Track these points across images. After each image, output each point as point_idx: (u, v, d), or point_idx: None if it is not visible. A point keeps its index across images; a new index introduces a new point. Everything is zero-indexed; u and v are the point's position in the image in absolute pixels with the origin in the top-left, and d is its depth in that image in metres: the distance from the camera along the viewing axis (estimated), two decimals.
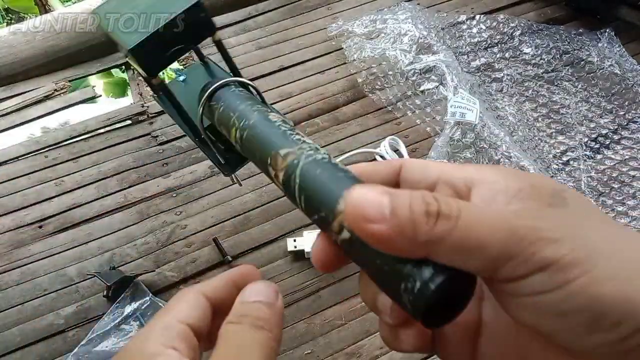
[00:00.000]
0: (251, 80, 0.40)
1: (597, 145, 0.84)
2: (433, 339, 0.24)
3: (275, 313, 0.28)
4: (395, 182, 0.26)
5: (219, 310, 0.30)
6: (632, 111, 0.88)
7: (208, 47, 0.43)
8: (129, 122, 0.91)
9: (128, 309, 0.65)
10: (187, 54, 0.42)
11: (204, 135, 0.40)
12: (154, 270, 0.69)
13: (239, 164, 0.43)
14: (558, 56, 0.97)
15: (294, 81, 0.93)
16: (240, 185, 0.63)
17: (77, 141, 0.88)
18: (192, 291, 0.30)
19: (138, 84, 0.99)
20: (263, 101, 0.38)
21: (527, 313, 0.19)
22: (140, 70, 0.38)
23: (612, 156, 0.82)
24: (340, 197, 0.23)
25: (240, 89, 0.38)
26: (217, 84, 0.37)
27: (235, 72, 0.43)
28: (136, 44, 0.36)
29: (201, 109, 0.38)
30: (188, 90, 0.44)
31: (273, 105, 0.43)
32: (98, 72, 1.03)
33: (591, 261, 0.17)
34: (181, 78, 0.48)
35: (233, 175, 0.48)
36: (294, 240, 0.68)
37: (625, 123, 0.87)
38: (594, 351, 0.18)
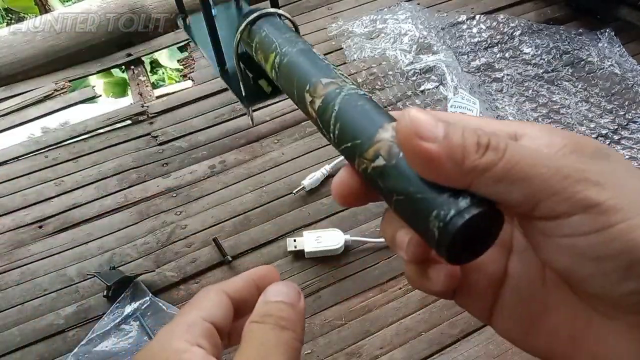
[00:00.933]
0: None
1: None
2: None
3: (298, 313, 0.28)
4: None
5: (239, 309, 0.30)
6: (632, 111, 0.88)
7: None
8: (129, 122, 0.91)
9: (128, 309, 0.65)
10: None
11: (235, 59, 0.39)
12: (154, 270, 0.69)
13: (259, 99, 0.43)
14: (558, 56, 0.97)
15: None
16: (252, 123, 0.63)
17: (77, 141, 0.88)
18: (215, 290, 0.30)
19: (138, 84, 0.99)
20: None
21: (562, 255, 0.19)
22: None
23: None
24: (380, 126, 0.23)
25: (285, 21, 0.38)
26: (262, 11, 0.37)
27: (276, 6, 0.43)
28: None
29: (240, 32, 0.37)
30: (217, 24, 0.44)
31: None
32: (98, 72, 1.03)
33: (632, 210, 0.17)
34: (213, 12, 0.48)
35: (249, 111, 0.48)
36: (294, 240, 0.68)
37: (625, 123, 0.87)
38: (623, 300, 0.18)
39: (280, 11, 0.39)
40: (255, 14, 0.37)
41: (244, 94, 0.42)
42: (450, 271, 0.22)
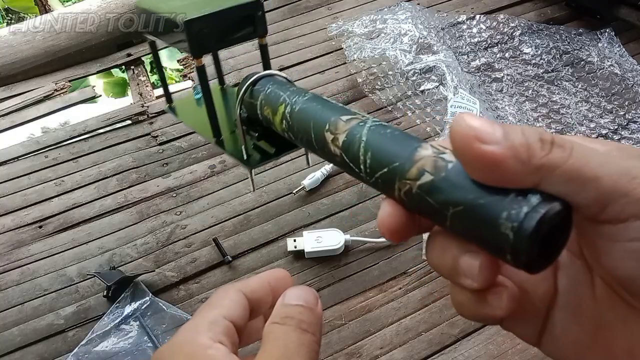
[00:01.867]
0: None
1: None
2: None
3: (317, 317, 0.29)
4: None
5: (253, 310, 0.31)
6: (632, 111, 0.88)
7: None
8: (129, 122, 0.91)
9: (128, 309, 0.65)
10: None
11: (238, 122, 0.40)
12: (154, 270, 0.69)
13: (262, 160, 0.43)
14: (558, 56, 0.96)
15: (294, 81, 0.93)
16: (254, 188, 0.64)
17: (77, 141, 0.88)
18: (234, 289, 0.31)
19: (138, 84, 0.99)
20: None
21: (630, 261, 0.18)
22: (186, 46, 0.40)
23: None
24: (418, 146, 0.22)
25: (285, 80, 0.39)
26: (262, 73, 0.38)
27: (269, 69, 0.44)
28: (195, 17, 0.38)
29: (242, 93, 0.38)
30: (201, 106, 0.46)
31: None
32: (98, 72, 1.03)
33: None
34: (198, 96, 0.50)
35: (251, 174, 0.48)
36: (294, 240, 0.68)
37: (625, 123, 0.87)
38: None
39: (278, 72, 0.39)
40: (256, 76, 0.38)
41: (245, 157, 0.42)
42: (513, 293, 0.21)
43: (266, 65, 0.45)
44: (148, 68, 1.11)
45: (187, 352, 0.27)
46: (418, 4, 1.05)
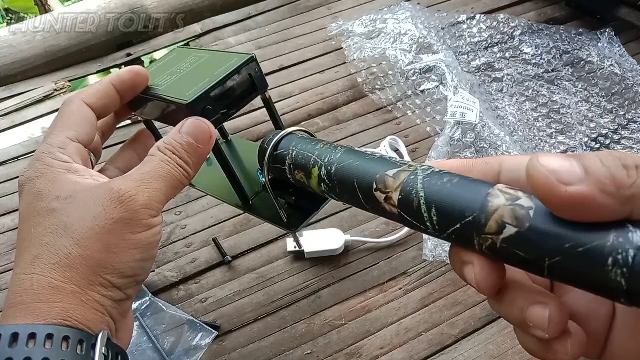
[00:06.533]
0: None
1: (597, 145, 0.84)
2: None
3: (200, 155, 0.34)
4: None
5: (100, 115, 0.36)
6: (632, 111, 0.88)
7: None
8: (128, 122, 0.91)
9: None
10: None
11: (270, 189, 0.37)
12: (154, 271, 0.69)
13: (304, 218, 0.40)
14: (558, 56, 0.96)
15: (294, 81, 0.93)
16: (301, 247, 0.63)
17: None
18: (78, 103, 0.34)
19: None
20: None
21: None
22: None
23: None
24: (487, 194, 0.20)
25: (305, 135, 0.37)
26: (283, 132, 0.36)
27: (282, 129, 0.41)
28: (194, 99, 0.36)
29: (268, 158, 0.36)
30: (215, 168, 0.43)
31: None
32: (98, 72, 1.03)
33: None
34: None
35: (295, 236, 0.47)
36: (294, 241, 0.68)
37: (626, 123, 0.87)
38: None
39: (296, 128, 0.37)
40: (275, 139, 0.36)
41: (285, 219, 0.39)
42: (580, 340, 0.20)
43: (274, 121, 0.42)
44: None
45: (49, 179, 0.31)
46: (418, 4, 1.05)
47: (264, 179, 0.37)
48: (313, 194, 0.35)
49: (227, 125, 0.48)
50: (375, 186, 0.26)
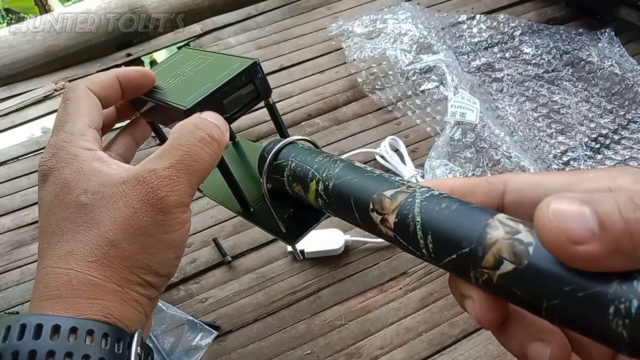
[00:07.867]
0: None
1: (597, 145, 0.84)
2: None
3: (221, 140, 0.34)
4: (497, 205, 0.23)
5: (104, 103, 0.36)
6: (632, 111, 0.88)
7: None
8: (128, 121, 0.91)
9: None
10: None
11: (268, 201, 0.37)
12: None
13: (303, 231, 0.40)
14: (558, 56, 0.96)
15: (294, 81, 0.93)
16: (302, 258, 0.63)
17: None
18: (83, 89, 0.35)
19: None
20: None
21: None
22: None
23: (613, 156, 0.82)
24: (486, 225, 0.19)
25: (307, 145, 0.36)
26: (283, 141, 0.35)
27: (286, 136, 0.40)
28: (192, 105, 0.35)
29: (267, 167, 0.35)
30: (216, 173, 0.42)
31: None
32: (98, 72, 1.02)
33: None
34: None
35: (294, 248, 0.46)
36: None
37: (626, 123, 0.87)
38: None
39: (298, 137, 0.36)
40: (275, 149, 0.35)
41: (284, 230, 0.39)
42: None
43: (278, 127, 0.41)
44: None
45: (75, 169, 0.31)
46: (418, 4, 1.05)
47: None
48: (314, 207, 0.35)
49: None
50: (372, 206, 0.25)
